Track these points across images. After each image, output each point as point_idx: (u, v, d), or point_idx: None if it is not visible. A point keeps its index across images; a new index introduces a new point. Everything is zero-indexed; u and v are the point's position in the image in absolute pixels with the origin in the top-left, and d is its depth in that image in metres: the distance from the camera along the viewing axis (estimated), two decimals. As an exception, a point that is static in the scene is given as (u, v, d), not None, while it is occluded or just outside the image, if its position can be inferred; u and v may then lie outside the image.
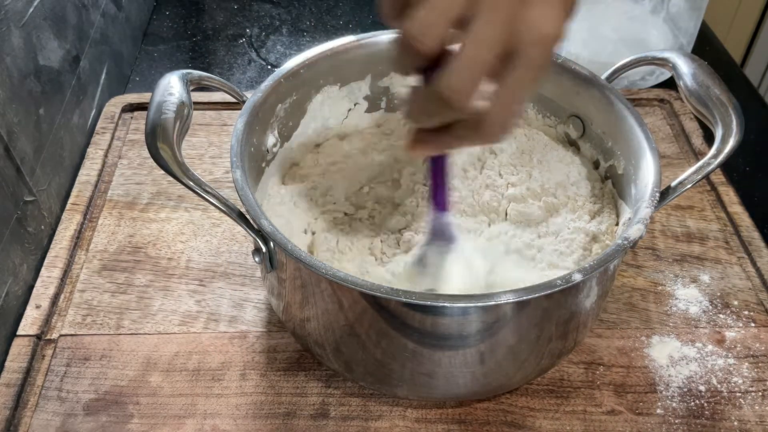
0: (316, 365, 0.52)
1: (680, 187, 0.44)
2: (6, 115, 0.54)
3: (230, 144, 0.46)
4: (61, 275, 0.57)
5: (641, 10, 0.80)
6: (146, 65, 0.84)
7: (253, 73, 0.82)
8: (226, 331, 0.54)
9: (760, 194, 0.66)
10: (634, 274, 0.58)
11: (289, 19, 0.91)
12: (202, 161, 0.68)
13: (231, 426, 0.48)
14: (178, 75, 0.46)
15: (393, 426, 0.49)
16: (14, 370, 0.51)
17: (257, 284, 0.57)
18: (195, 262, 0.59)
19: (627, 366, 0.52)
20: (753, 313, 0.55)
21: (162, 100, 0.44)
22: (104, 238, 0.61)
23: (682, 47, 0.79)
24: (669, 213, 0.63)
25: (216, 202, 0.42)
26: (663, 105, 0.74)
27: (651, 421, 0.49)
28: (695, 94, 0.46)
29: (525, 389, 0.51)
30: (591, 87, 0.51)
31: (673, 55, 0.49)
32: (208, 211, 0.63)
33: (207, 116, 0.72)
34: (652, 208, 0.42)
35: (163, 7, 0.93)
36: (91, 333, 0.54)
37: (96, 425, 0.48)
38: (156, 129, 0.42)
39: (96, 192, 0.65)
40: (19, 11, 0.56)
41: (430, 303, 0.38)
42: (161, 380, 0.51)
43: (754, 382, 0.51)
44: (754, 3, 1.47)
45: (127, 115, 0.73)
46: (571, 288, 0.39)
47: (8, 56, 0.55)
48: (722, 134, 0.44)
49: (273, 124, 0.52)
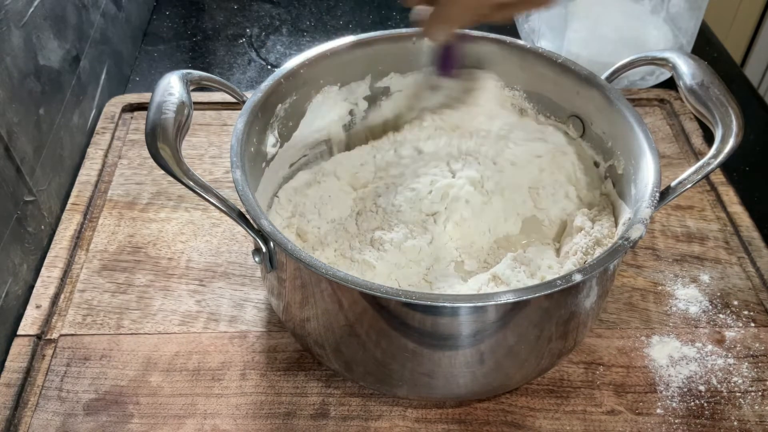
0: (316, 365, 0.52)
1: (680, 187, 0.44)
2: (6, 115, 0.54)
3: (230, 144, 0.46)
4: (61, 275, 0.57)
5: (641, 10, 0.80)
6: (146, 65, 0.84)
7: (253, 73, 0.82)
8: (226, 331, 0.54)
9: (760, 194, 0.66)
10: (634, 274, 0.58)
11: (289, 19, 0.91)
12: (202, 161, 0.68)
13: (231, 426, 0.48)
14: (178, 75, 0.46)
15: (393, 426, 0.49)
16: (14, 370, 0.51)
17: (257, 284, 0.57)
18: (195, 262, 0.59)
19: (627, 366, 0.52)
20: (753, 313, 0.55)
21: (162, 100, 0.44)
22: (104, 238, 0.61)
23: (682, 47, 0.79)
24: (669, 213, 0.63)
25: (216, 202, 0.42)
26: (663, 105, 0.74)
27: (651, 421, 0.49)
28: (695, 94, 0.46)
29: (525, 389, 0.51)
30: (591, 87, 0.51)
31: (673, 55, 0.49)
32: (208, 211, 0.63)
33: (207, 116, 0.72)
34: (652, 208, 0.42)
35: (163, 7, 0.92)
36: (91, 333, 0.54)
37: (96, 425, 0.48)
38: (156, 129, 0.42)
39: (96, 192, 0.65)
40: (19, 11, 0.56)
41: (429, 303, 0.38)
42: (161, 380, 0.51)
43: (753, 382, 0.51)
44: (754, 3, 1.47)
45: (127, 115, 0.73)
46: (571, 288, 0.39)
47: (8, 56, 0.55)
48: (722, 134, 0.44)
49: (273, 124, 0.52)
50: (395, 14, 0.91)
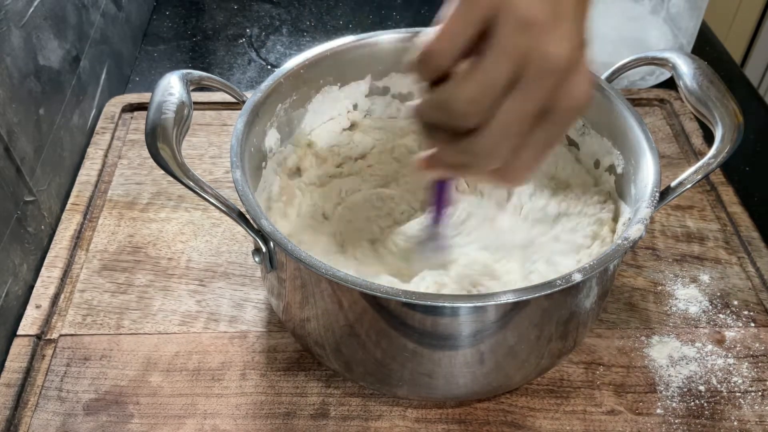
0: (316, 365, 0.52)
1: (680, 187, 0.44)
2: (6, 115, 0.54)
3: (230, 144, 0.46)
4: (61, 275, 0.57)
5: (641, 10, 0.80)
6: (146, 65, 0.84)
7: (253, 73, 0.82)
8: (226, 331, 0.54)
9: (760, 194, 0.66)
10: (634, 274, 0.58)
11: (289, 19, 0.91)
12: (202, 161, 0.68)
13: (231, 426, 0.48)
14: (178, 75, 0.46)
15: (393, 426, 0.49)
16: (14, 370, 0.51)
17: (257, 284, 0.57)
18: (195, 262, 0.59)
19: (627, 366, 0.52)
20: (753, 313, 0.55)
21: (162, 100, 0.44)
22: (104, 238, 0.61)
23: (682, 47, 0.79)
24: (669, 213, 0.63)
25: (216, 202, 0.42)
26: (663, 105, 0.74)
27: (651, 421, 0.49)
28: (695, 94, 0.46)
29: (525, 389, 0.51)
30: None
31: (673, 55, 0.49)
32: (208, 211, 0.63)
33: (207, 116, 0.72)
34: (651, 208, 0.42)
35: (163, 7, 0.93)
36: (91, 333, 0.54)
37: (96, 425, 0.48)
38: (156, 129, 0.42)
39: (96, 192, 0.65)
40: (19, 11, 0.56)
41: (430, 303, 0.38)
42: (161, 380, 0.51)
43: (753, 382, 0.51)
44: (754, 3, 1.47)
45: (127, 115, 0.73)
46: (571, 288, 0.39)
47: (8, 56, 0.55)
48: (722, 134, 0.44)
49: (273, 124, 0.52)
50: (395, 14, 0.91)
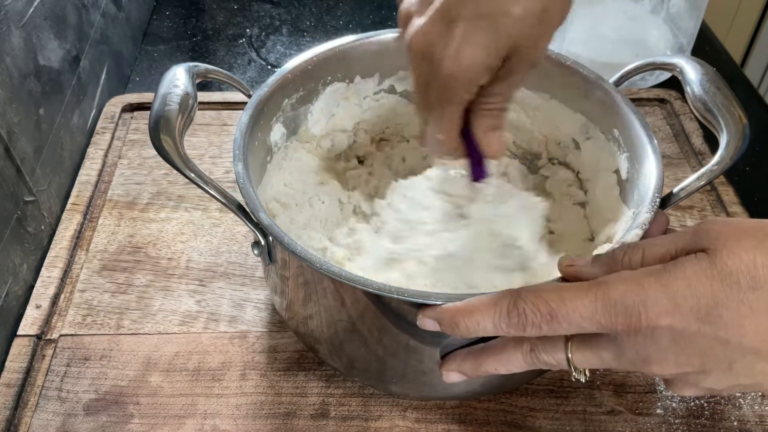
0: (316, 365, 0.52)
1: (682, 193, 0.44)
2: (6, 115, 0.54)
3: (233, 138, 0.45)
4: (61, 275, 0.57)
5: (641, 10, 0.80)
6: (146, 65, 0.84)
7: (253, 73, 0.82)
8: (226, 331, 0.54)
9: (760, 194, 0.66)
10: (634, 274, 0.58)
11: (289, 19, 0.91)
12: (202, 161, 0.68)
13: (231, 426, 0.48)
14: (185, 67, 0.46)
15: (393, 426, 0.49)
16: (14, 370, 0.51)
17: (257, 284, 0.57)
18: (195, 262, 0.59)
19: (627, 366, 0.52)
20: (753, 313, 0.55)
21: (167, 91, 0.44)
22: (104, 238, 0.61)
23: (682, 47, 0.79)
24: (669, 213, 0.63)
25: (216, 194, 0.42)
26: (663, 105, 0.74)
27: (651, 421, 0.49)
28: (701, 100, 0.45)
29: (525, 389, 0.51)
30: (597, 90, 0.51)
31: (681, 60, 0.48)
32: (208, 211, 0.63)
33: (207, 116, 0.72)
34: (651, 214, 0.42)
35: (163, 7, 0.93)
36: (91, 333, 0.54)
37: (96, 425, 0.48)
38: (159, 121, 0.42)
39: (96, 192, 0.65)
40: (19, 11, 0.56)
41: (430, 302, 0.38)
42: (161, 380, 0.51)
43: (754, 382, 0.51)
44: (754, 3, 1.47)
45: (127, 115, 0.73)
46: (571, 288, 0.39)
47: (8, 56, 0.55)
48: (727, 141, 0.43)
49: (279, 119, 0.52)
50: (395, 14, 0.91)
